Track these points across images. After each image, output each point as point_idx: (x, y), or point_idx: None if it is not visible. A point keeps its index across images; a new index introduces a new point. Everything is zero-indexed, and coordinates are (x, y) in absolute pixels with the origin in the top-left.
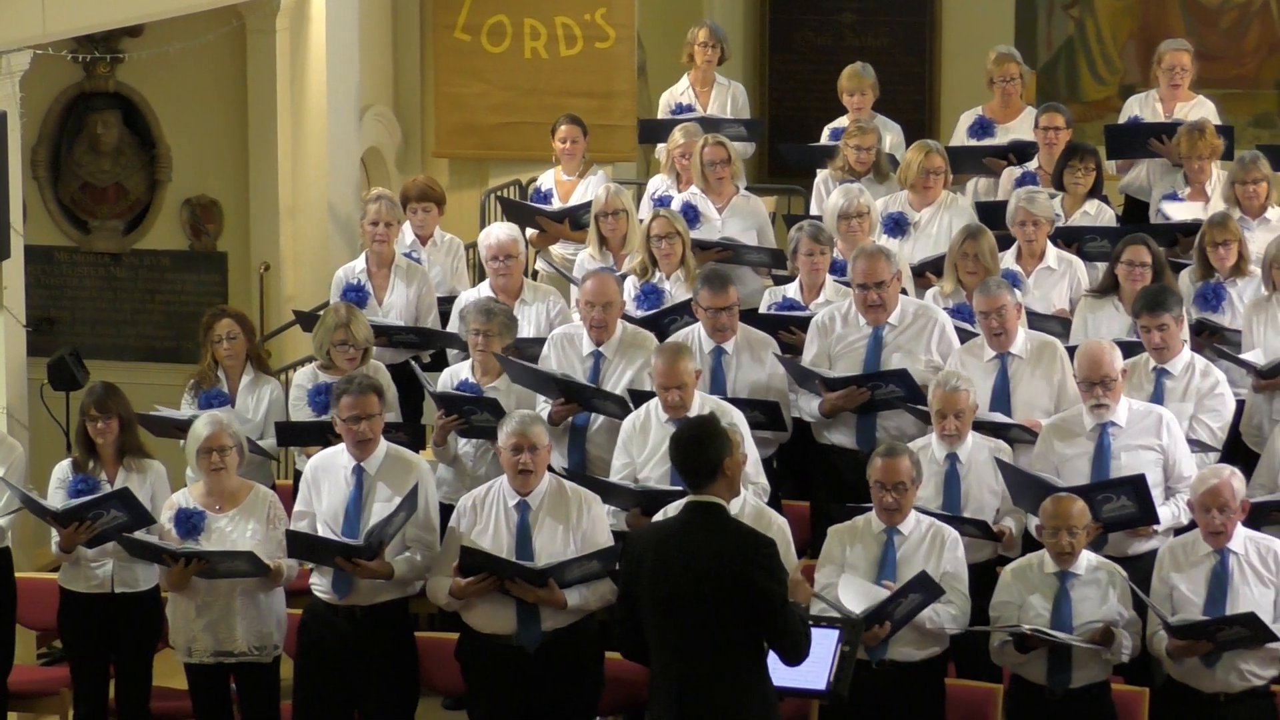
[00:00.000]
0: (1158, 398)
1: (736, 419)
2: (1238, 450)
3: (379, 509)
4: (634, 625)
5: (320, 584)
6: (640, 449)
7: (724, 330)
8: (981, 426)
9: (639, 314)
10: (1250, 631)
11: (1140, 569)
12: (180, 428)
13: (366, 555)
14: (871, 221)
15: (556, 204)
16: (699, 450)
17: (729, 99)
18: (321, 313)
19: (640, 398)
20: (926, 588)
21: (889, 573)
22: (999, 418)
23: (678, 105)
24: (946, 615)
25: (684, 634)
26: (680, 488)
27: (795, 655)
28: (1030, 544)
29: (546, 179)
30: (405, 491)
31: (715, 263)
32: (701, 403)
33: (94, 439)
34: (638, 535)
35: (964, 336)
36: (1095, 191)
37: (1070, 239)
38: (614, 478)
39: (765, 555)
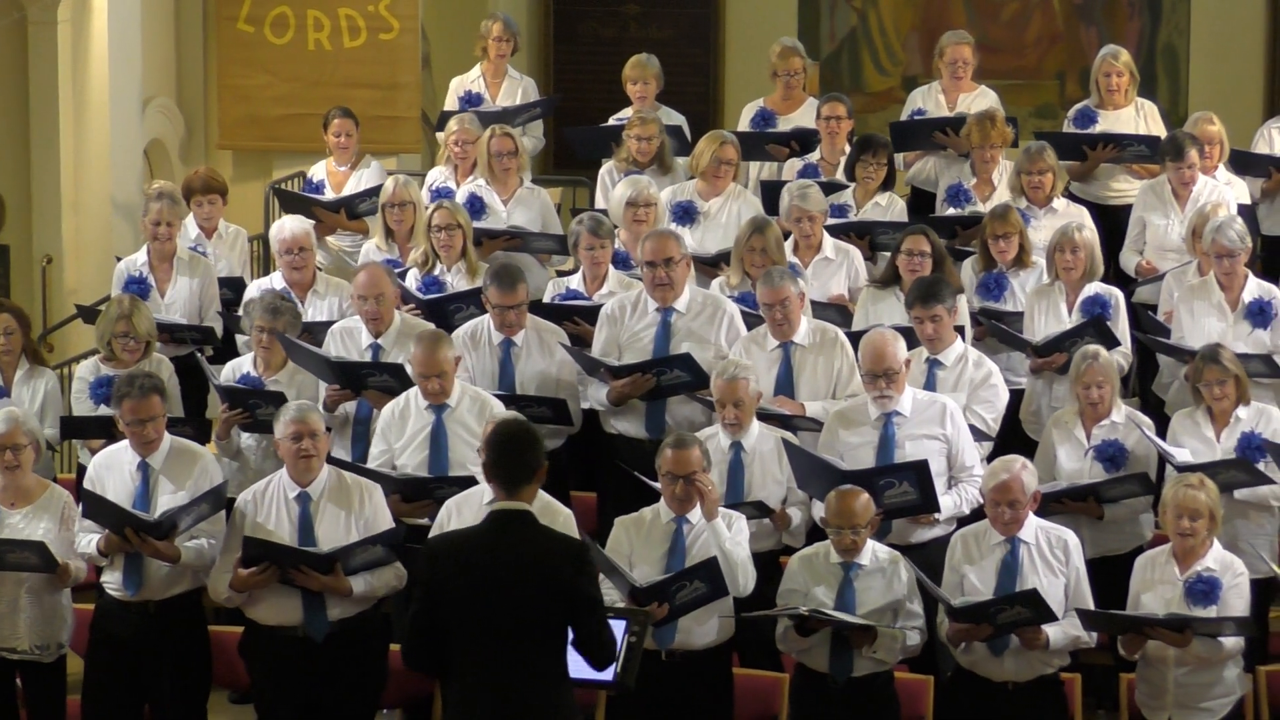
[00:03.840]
0: (930, 388)
1: (498, 411)
2: (1016, 437)
3: (165, 501)
4: (434, 637)
5: (111, 581)
6: (398, 436)
7: (512, 327)
8: (768, 418)
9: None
10: (1032, 612)
11: (922, 557)
12: None
13: (157, 533)
14: (657, 213)
15: (329, 195)
16: (521, 453)
17: (519, 92)
18: (104, 305)
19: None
20: (713, 581)
21: (678, 563)
22: (782, 408)
23: (467, 93)
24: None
25: (503, 644)
26: (438, 475)
27: (606, 660)
28: (818, 533)
29: (318, 170)
30: (191, 483)
31: (504, 251)
32: (462, 392)
33: None
34: (440, 545)
35: (753, 323)
36: (887, 184)
37: (862, 232)
38: (371, 465)
39: (588, 561)
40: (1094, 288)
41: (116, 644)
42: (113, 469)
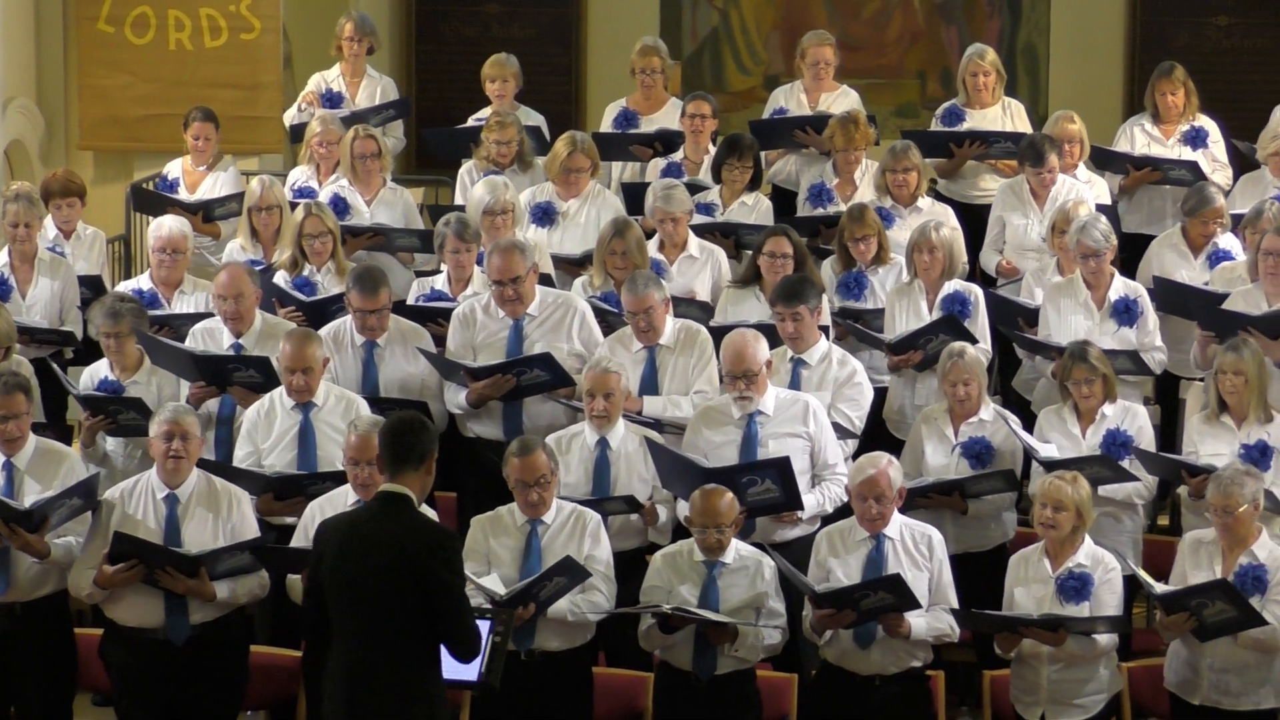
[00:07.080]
0: (794, 387)
1: (364, 412)
2: (881, 436)
3: (31, 502)
4: (318, 609)
5: None
6: (265, 436)
7: (374, 330)
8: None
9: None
10: (894, 597)
11: (786, 556)
12: None
13: (28, 524)
14: (515, 216)
15: (184, 194)
16: (408, 436)
17: (378, 92)
18: None
19: None
20: (572, 572)
21: (534, 562)
22: (650, 409)
23: (328, 90)
24: (588, 604)
25: (362, 621)
26: (305, 472)
27: (469, 651)
28: (684, 530)
29: (174, 168)
30: (57, 483)
31: (366, 250)
32: (328, 392)
33: None
34: (327, 522)
35: (618, 323)
36: (753, 185)
37: (727, 232)
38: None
39: (447, 549)
40: (953, 285)
41: None
42: None
